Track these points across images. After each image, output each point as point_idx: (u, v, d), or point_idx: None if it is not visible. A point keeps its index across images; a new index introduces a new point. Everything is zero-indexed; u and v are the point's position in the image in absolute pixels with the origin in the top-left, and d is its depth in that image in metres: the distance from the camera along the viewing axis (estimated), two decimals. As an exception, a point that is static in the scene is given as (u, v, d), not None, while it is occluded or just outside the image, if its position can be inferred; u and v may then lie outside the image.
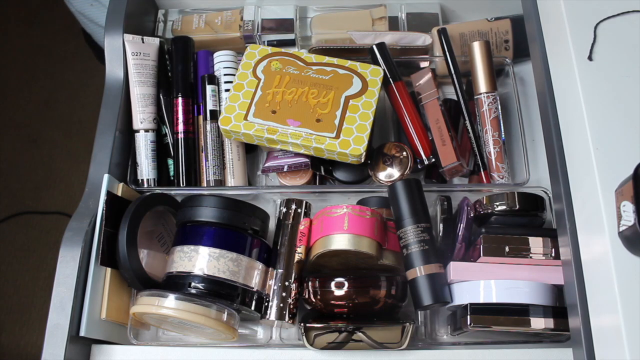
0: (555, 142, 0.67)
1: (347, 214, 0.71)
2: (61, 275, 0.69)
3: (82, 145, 1.77)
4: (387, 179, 0.81)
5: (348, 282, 0.70)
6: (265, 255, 0.74)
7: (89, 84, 1.81)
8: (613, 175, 0.57)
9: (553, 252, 0.69)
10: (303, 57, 0.82)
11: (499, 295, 0.68)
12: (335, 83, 0.80)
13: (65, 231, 0.71)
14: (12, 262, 1.65)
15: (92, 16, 1.12)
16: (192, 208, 0.73)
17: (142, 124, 0.83)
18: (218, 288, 0.70)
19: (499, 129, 0.82)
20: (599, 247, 0.58)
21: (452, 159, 0.80)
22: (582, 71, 0.64)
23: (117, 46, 0.83)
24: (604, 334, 0.58)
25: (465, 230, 0.74)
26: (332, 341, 0.70)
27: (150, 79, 0.84)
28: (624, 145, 0.59)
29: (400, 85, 0.83)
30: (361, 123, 0.78)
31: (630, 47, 0.64)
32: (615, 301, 0.54)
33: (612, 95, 0.62)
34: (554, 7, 0.69)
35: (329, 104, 0.79)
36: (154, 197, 0.76)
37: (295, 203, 0.76)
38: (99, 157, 0.78)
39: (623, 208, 0.54)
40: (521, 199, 0.73)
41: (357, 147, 0.77)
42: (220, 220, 0.71)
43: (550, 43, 0.71)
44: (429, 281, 0.69)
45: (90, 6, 1.09)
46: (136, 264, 0.72)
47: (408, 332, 0.69)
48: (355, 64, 0.81)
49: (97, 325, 0.71)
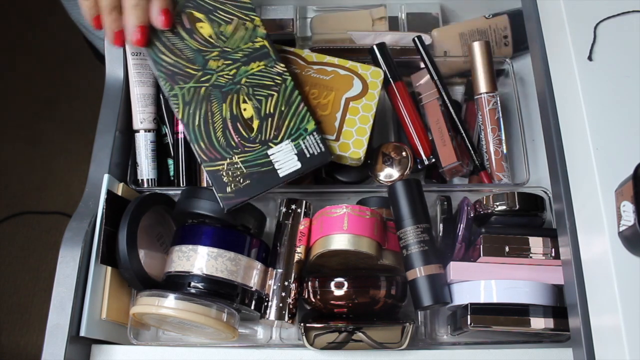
0: (555, 142, 0.67)
1: (346, 214, 0.71)
2: (61, 275, 0.69)
3: (82, 145, 1.77)
4: (387, 179, 0.81)
5: (348, 282, 0.70)
6: (264, 255, 0.74)
7: (89, 84, 1.81)
8: (613, 175, 0.57)
9: (553, 252, 0.69)
10: (304, 56, 0.81)
11: (499, 295, 0.68)
12: (336, 84, 0.80)
13: (65, 231, 0.71)
14: (12, 262, 1.65)
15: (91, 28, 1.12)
16: (186, 200, 0.73)
17: (142, 124, 0.83)
18: (217, 287, 0.70)
19: (500, 128, 0.82)
20: (599, 247, 0.58)
21: (452, 159, 0.80)
22: (582, 71, 0.64)
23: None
24: (604, 334, 0.58)
25: (465, 230, 0.74)
26: (332, 341, 0.70)
27: (150, 79, 0.84)
28: (624, 145, 0.59)
29: (401, 86, 0.83)
30: (361, 126, 0.78)
31: (630, 47, 0.64)
32: (615, 301, 0.54)
33: (612, 95, 0.62)
34: (554, 7, 0.69)
35: (329, 105, 0.79)
36: (154, 196, 0.76)
37: (295, 203, 0.76)
38: (99, 157, 0.78)
39: (623, 208, 0.54)
40: (521, 199, 0.73)
41: (357, 150, 0.77)
42: (213, 213, 0.71)
43: (550, 43, 0.71)
44: (429, 282, 0.69)
45: None
46: (136, 263, 0.72)
47: (408, 332, 0.69)
48: (356, 64, 0.81)
49: (97, 326, 0.71)
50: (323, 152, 0.72)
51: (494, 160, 0.81)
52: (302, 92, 0.76)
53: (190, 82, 0.72)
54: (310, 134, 0.72)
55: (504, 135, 0.82)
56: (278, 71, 0.73)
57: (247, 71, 0.73)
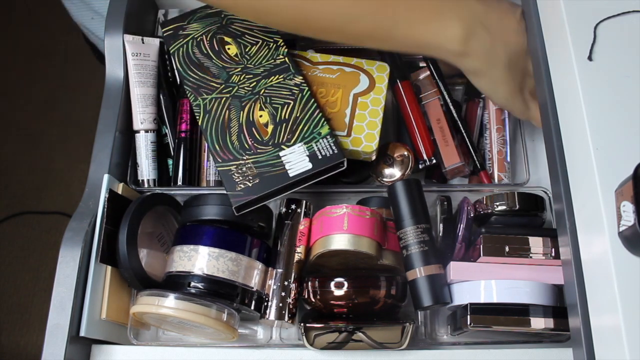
0: (555, 142, 0.67)
1: (346, 214, 0.71)
2: (61, 275, 0.69)
3: (82, 145, 1.76)
4: (388, 179, 0.81)
5: (348, 282, 0.70)
6: (265, 255, 0.74)
7: (89, 84, 1.81)
8: (613, 175, 0.57)
9: (553, 252, 0.69)
10: (309, 57, 0.82)
11: (499, 295, 0.68)
12: (343, 81, 0.81)
13: (65, 231, 0.71)
14: (12, 262, 1.66)
15: (93, 29, 1.12)
16: (198, 207, 0.74)
17: (142, 124, 0.83)
18: (217, 287, 0.70)
19: (505, 128, 0.82)
20: (599, 247, 0.58)
21: (456, 160, 0.80)
22: (582, 71, 0.64)
23: (117, 46, 0.83)
24: (604, 334, 0.58)
25: (465, 230, 0.74)
26: (332, 341, 0.70)
27: (151, 80, 0.84)
28: (624, 145, 0.59)
29: (407, 85, 0.83)
30: (371, 120, 0.78)
31: (630, 47, 0.64)
32: (615, 301, 0.54)
33: (612, 95, 0.62)
34: (554, 7, 0.69)
35: (337, 102, 0.79)
36: (156, 196, 0.76)
37: (295, 203, 0.76)
38: (99, 157, 0.78)
39: (623, 208, 0.54)
40: (521, 199, 0.73)
41: (369, 144, 0.77)
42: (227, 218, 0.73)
43: (550, 43, 0.71)
44: (429, 282, 0.69)
45: (91, 19, 1.10)
46: (136, 263, 0.72)
47: (408, 332, 0.69)
48: (361, 61, 0.82)
49: (97, 325, 0.71)
50: (336, 153, 0.73)
51: (497, 160, 0.81)
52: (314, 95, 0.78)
53: (212, 94, 0.77)
54: (323, 137, 0.73)
55: (509, 136, 0.82)
56: (296, 82, 0.77)
57: (266, 83, 0.77)
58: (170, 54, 0.82)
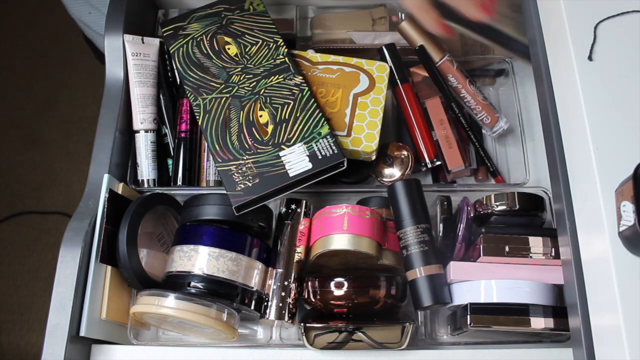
0: (555, 142, 0.67)
1: (346, 214, 0.71)
2: (61, 275, 0.69)
3: (82, 145, 1.77)
4: (388, 179, 0.81)
5: (348, 282, 0.70)
6: (265, 255, 0.74)
7: (89, 84, 1.81)
8: (613, 175, 0.57)
9: (553, 251, 0.69)
10: (308, 57, 0.82)
11: (499, 295, 0.68)
12: (343, 81, 0.81)
13: (65, 231, 0.71)
14: (12, 262, 1.66)
15: (90, 24, 1.12)
16: (198, 207, 0.74)
17: (142, 124, 0.83)
18: (217, 287, 0.70)
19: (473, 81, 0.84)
20: (599, 247, 0.58)
21: (459, 163, 0.81)
22: (582, 71, 0.64)
23: (117, 46, 0.83)
24: (604, 333, 0.58)
25: (465, 230, 0.74)
26: (332, 341, 0.70)
27: (151, 80, 0.84)
28: (624, 145, 0.59)
29: (408, 87, 0.83)
30: (371, 120, 0.78)
31: (630, 47, 0.64)
32: (615, 301, 0.54)
33: (612, 95, 0.62)
34: (554, 7, 0.69)
35: (337, 102, 0.79)
36: (156, 196, 0.76)
37: (295, 203, 0.76)
38: (99, 157, 0.78)
39: (623, 208, 0.54)
40: (521, 199, 0.73)
41: (369, 144, 0.77)
42: (227, 217, 0.73)
43: (550, 43, 0.71)
44: (429, 282, 0.69)
45: (89, 14, 1.10)
46: (136, 263, 0.72)
47: (408, 332, 0.69)
48: (361, 61, 0.82)
49: (97, 325, 0.71)
50: (336, 153, 0.73)
51: (483, 106, 0.83)
52: (314, 95, 0.78)
53: (212, 94, 0.77)
54: (323, 137, 0.74)
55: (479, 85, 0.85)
56: (296, 82, 0.77)
57: (266, 83, 0.77)
58: (170, 53, 0.82)
